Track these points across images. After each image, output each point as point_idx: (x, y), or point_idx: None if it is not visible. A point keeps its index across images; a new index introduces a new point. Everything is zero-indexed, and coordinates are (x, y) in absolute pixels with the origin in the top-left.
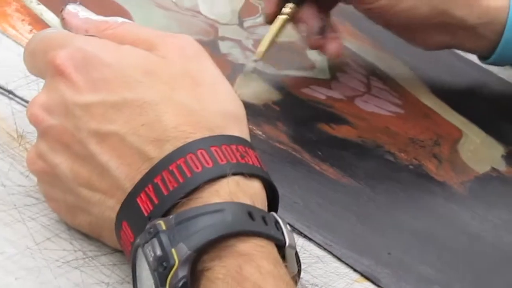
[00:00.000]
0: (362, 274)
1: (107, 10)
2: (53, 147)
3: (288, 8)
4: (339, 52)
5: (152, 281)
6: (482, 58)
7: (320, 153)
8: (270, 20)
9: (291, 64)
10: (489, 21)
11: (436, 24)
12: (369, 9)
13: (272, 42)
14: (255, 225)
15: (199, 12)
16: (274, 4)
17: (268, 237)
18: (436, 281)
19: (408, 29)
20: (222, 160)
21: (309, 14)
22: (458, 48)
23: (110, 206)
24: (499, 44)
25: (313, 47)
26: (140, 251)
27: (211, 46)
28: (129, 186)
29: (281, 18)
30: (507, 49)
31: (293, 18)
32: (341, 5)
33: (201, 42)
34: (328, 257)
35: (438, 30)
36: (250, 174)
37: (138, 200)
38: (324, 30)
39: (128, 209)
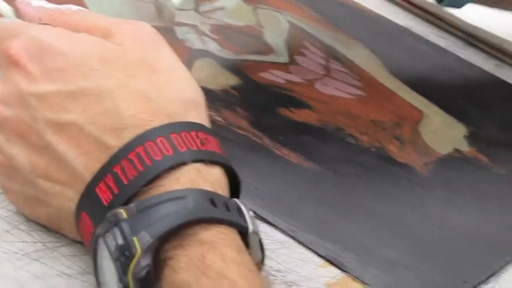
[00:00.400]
0: (326, 259)
1: None
2: (9, 139)
3: None
4: None
5: (114, 270)
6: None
7: (281, 138)
8: None
9: (248, 48)
10: None
11: None
12: None
13: None
14: (218, 211)
15: None
16: None
17: (230, 223)
18: (401, 264)
19: None
20: (182, 147)
21: None
22: None
23: (69, 197)
24: None
25: None
26: (101, 240)
27: (167, 32)
28: (88, 176)
29: None
30: None
31: None
32: None
33: (157, 28)
34: (292, 243)
35: None
36: (211, 161)
37: (98, 190)
38: None
39: (88, 199)
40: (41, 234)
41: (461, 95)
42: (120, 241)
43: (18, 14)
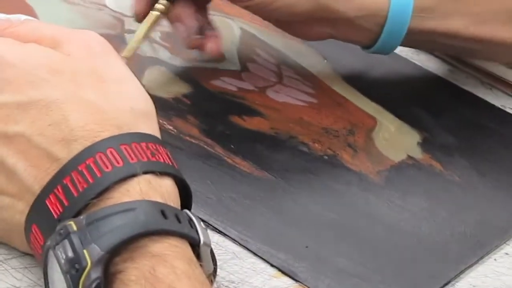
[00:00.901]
0: (279, 269)
1: (10, 7)
2: None
3: (161, 4)
4: (219, 50)
5: (64, 284)
6: (365, 47)
7: (232, 146)
8: (140, 19)
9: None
10: (369, 14)
11: (316, 18)
12: (248, 6)
13: (144, 39)
14: (169, 223)
15: (104, 5)
16: (143, 2)
17: (182, 235)
18: (355, 274)
19: (289, 22)
20: (132, 159)
21: (185, 13)
22: (340, 39)
23: (19, 210)
24: (381, 35)
25: (191, 47)
26: (51, 253)
27: (117, 39)
28: (37, 188)
29: (153, 15)
30: (388, 40)
31: (167, 15)
32: None
33: (107, 36)
34: (244, 253)
35: (319, 23)
36: (161, 172)
37: (48, 202)
38: (203, 29)
39: (38, 211)
40: None
41: (414, 101)
42: (70, 253)
43: None
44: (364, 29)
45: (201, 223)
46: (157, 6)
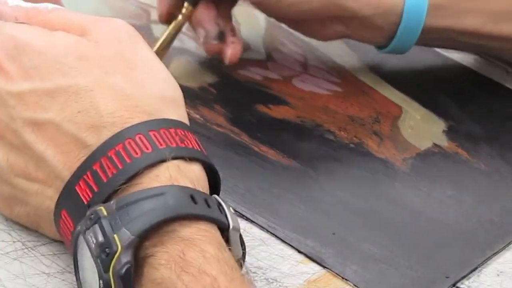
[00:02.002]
0: (306, 255)
1: None
2: None
3: (184, 9)
4: (236, 58)
5: (94, 268)
6: (379, 47)
7: (259, 134)
8: (163, 20)
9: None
10: (384, 12)
11: (328, 16)
12: (260, 2)
13: (168, 44)
14: (198, 208)
15: None
16: (166, 3)
17: (211, 220)
18: (381, 260)
19: (301, 21)
20: (161, 145)
21: (206, 18)
22: (354, 39)
23: (48, 196)
24: (396, 33)
25: (210, 53)
26: (81, 238)
27: (144, 30)
28: (67, 174)
29: (176, 20)
30: (403, 38)
31: (190, 20)
32: None
33: (133, 26)
34: (272, 240)
35: (331, 22)
36: (190, 157)
37: (77, 188)
38: (223, 35)
39: (67, 198)
40: (20, 233)
41: (439, 90)
42: (101, 238)
43: None
44: (378, 28)
45: (230, 208)
46: (182, 11)
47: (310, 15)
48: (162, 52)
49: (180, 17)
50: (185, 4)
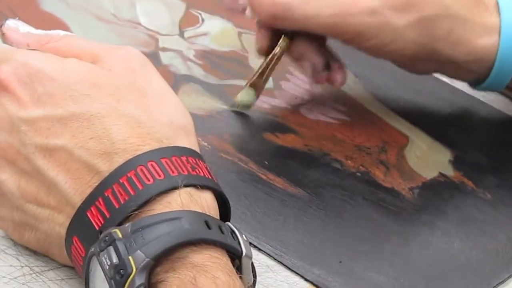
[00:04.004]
0: (313, 283)
1: (46, 25)
2: None
3: (281, 41)
4: (345, 82)
5: None
6: (472, 84)
7: (266, 162)
8: (263, 53)
9: (233, 73)
10: (478, 58)
11: (424, 59)
12: (359, 48)
13: (265, 75)
14: (212, 233)
15: (139, 24)
16: (266, 37)
17: (225, 246)
18: None
19: (398, 61)
20: (173, 172)
21: (308, 50)
22: (447, 76)
23: (59, 222)
24: (488, 77)
25: (320, 83)
26: (95, 260)
27: (152, 57)
28: (78, 200)
29: (273, 53)
30: (496, 80)
31: (287, 52)
32: None
33: None
34: (278, 266)
35: (426, 62)
36: (201, 185)
37: (89, 214)
38: (329, 65)
39: (79, 224)
40: (28, 258)
41: (445, 119)
42: (115, 260)
43: (5, 40)
44: (471, 71)
45: (243, 235)
46: (279, 43)
47: (407, 58)
48: (259, 83)
49: (277, 49)
50: (283, 36)
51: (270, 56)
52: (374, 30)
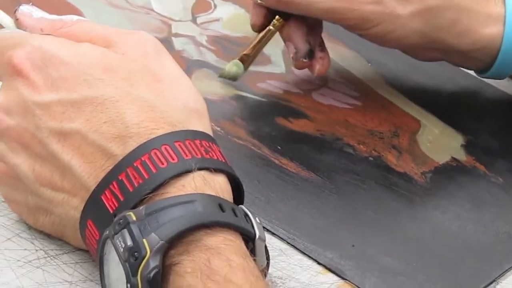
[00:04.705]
0: (325, 267)
1: (59, 10)
2: (12, 148)
3: (275, 20)
4: (324, 72)
5: (121, 273)
6: (478, 72)
7: (279, 147)
8: (256, 30)
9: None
10: (483, 47)
11: (429, 47)
12: (362, 34)
13: (256, 50)
14: (226, 216)
15: (151, 10)
16: (260, 15)
17: (238, 229)
18: (400, 272)
19: (402, 49)
20: (187, 155)
21: (297, 35)
22: (452, 64)
23: (73, 206)
24: (493, 66)
25: (299, 69)
26: (109, 243)
27: (165, 43)
28: (92, 184)
29: (268, 30)
30: (501, 68)
31: (280, 32)
32: None
33: None
34: (291, 250)
35: (431, 51)
36: (215, 169)
37: (103, 198)
38: (312, 53)
39: (93, 207)
40: (42, 242)
41: (458, 104)
42: (130, 242)
43: (19, 25)
44: (476, 59)
45: (256, 218)
46: (273, 22)
47: (411, 47)
48: (249, 57)
49: (271, 28)
50: (277, 16)
51: (263, 33)
52: (378, 18)
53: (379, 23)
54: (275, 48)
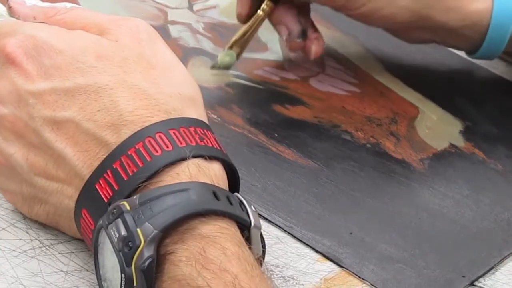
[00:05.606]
0: (323, 254)
1: None
2: (6, 137)
3: (265, 5)
4: (320, 53)
5: (115, 263)
6: (468, 53)
7: (276, 134)
8: (242, 20)
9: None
10: (471, 24)
11: (418, 26)
12: (350, 14)
13: (246, 37)
14: (221, 204)
15: None
16: (247, 4)
17: (233, 217)
18: (398, 260)
19: (390, 28)
20: (181, 143)
21: (288, 16)
22: (442, 45)
23: (68, 195)
24: (483, 43)
25: (293, 50)
26: (103, 232)
27: (161, 30)
28: (87, 173)
29: (257, 16)
30: (490, 47)
31: (269, 17)
32: None
33: None
34: (288, 238)
35: (420, 30)
36: (210, 156)
37: (97, 187)
38: (305, 33)
39: (87, 196)
40: (38, 231)
41: (456, 90)
42: (124, 232)
43: (12, 13)
44: (466, 37)
45: (252, 206)
46: (262, 6)
47: (401, 25)
48: (240, 44)
49: (260, 12)
50: (266, 0)
51: (252, 19)
52: None
53: (368, 1)
54: (272, 35)
